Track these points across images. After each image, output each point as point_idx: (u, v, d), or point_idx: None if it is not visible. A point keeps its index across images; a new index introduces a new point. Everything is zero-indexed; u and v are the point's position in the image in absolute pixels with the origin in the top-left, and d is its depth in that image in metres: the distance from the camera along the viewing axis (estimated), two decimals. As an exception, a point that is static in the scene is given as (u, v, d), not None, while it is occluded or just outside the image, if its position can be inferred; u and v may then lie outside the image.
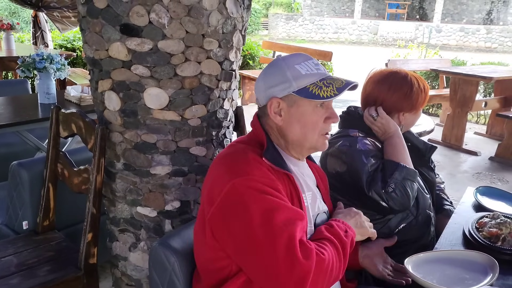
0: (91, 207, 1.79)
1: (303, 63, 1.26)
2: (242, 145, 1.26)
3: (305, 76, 1.23)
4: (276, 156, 1.24)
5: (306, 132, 1.25)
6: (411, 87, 1.73)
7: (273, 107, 1.26)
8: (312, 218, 1.31)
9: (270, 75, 1.28)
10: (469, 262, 1.32)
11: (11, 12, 16.90)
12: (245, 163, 1.17)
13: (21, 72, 3.01)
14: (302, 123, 1.25)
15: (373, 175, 1.60)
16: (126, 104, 1.68)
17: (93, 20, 1.62)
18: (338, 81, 1.24)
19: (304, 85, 1.22)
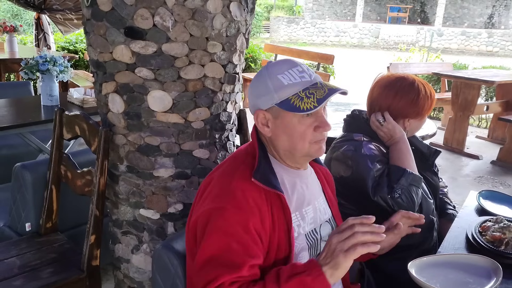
0: (94, 209, 1.79)
1: (286, 72, 1.20)
2: (233, 166, 1.23)
3: (287, 87, 1.18)
4: (268, 173, 1.20)
5: (295, 142, 1.21)
6: (418, 94, 1.73)
7: (260, 119, 1.23)
8: (315, 231, 1.29)
9: (255, 86, 1.25)
10: (473, 266, 1.32)
11: (13, 14, 16.94)
12: (226, 190, 1.16)
13: (24, 74, 3.02)
14: (289, 134, 1.21)
15: (378, 181, 1.60)
16: (129, 107, 1.68)
17: (97, 23, 1.62)
18: (321, 90, 1.17)
19: (286, 97, 1.18)
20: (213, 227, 1.11)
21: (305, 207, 1.29)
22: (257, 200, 1.16)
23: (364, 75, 10.90)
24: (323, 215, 1.35)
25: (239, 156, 1.28)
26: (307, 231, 1.28)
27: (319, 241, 1.31)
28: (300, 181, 1.30)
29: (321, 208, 1.36)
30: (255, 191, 1.16)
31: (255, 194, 1.16)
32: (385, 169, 1.64)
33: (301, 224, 1.26)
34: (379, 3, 24.03)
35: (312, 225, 1.30)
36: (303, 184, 1.31)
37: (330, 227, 1.37)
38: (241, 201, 1.13)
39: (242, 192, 1.14)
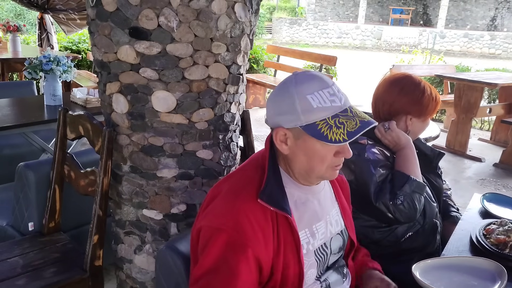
0: (98, 209, 1.79)
1: (316, 93, 1.12)
2: (240, 182, 1.20)
3: (316, 110, 1.10)
4: (275, 193, 1.16)
5: (313, 165, 1.17)
6: (423, 93, 1.73)
7: (279, 136, 1.17)
8: (325, 246, 1.28)
9: (280, 101, 1.17)
10: (477, 269, 1.32)
11: (16, 14, 16.97)
12: (228, 211, 1.13)
13: (28, 73, 3.02)
14: (308, 156, 1.16)
15: (381, 186, 1.59)
16: (133, 107, 1.68)
17: (102, 23, 1.62)
18: (352, 121, 1.11)
19: (313, 121, 1.11)
20: (209, 247, 1.11)
21: (315, 223, 1.26)
22: (261, 222, 1.13)
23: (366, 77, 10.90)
24: (335, 227, 1.32)
25: (249, 170, 1.24)
26: (316, 247, 1.26)
27: (328, 256, 1.29)
28: (312, 197, 1.27)
29: (333, 220, 1.32)
30: (259, 212, 1.13)
31: (259, 215, 1.13)
32: (388, 174, 1.64)
33: (311, 241, 1.24)
34: (381, 5, 24.03)
35: (322, 241, 1.27)
36: (315, 199, 1.27)
37: (342, 239, 1.35)
38: (243, 227, 1.10)
39: (245, 215, 1.11)
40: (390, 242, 1.66)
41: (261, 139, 5.39)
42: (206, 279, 1.11)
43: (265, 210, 1.14)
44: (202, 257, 1.13)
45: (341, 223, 1.36)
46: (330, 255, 1.30)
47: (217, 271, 1.10)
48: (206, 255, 1.12)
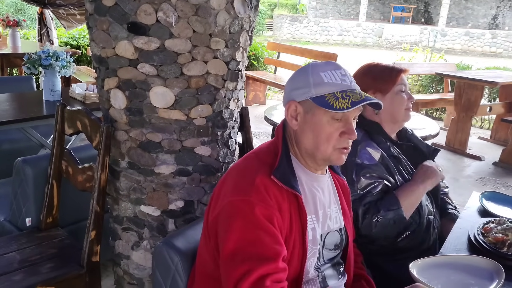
0: (95, 205, 1.79)
1: (329, 71, 1.21)
2: (256, 162, 1.24)
3: (326, 85, 1.19)
4: (287, 173, 1.20)
5: (319, 142, 1.21)
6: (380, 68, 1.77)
7: (291, 110, 1.24)
8: (320, 237, 1.29)
9: (295, 78, 1.26)
10: (475, 268, 1.31)
11: (17, 9, 16.94)
12: (250, 184, 1.16)
13: (27, 68, 3.02)
14: (315, 133, 1.21)
15: (362, 195, 1.61)
16: (132, 103, 1.68)
17: (100, 18, 1.62)
18: (357, 95, 1.18)
19: (322, 93, 1.19)
20: (241, 218, 1.11)
21: (318, 211, 1.28)
22: (279, 198, 1.16)
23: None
24: (334, 223, 1.33)
25: (262, 153, 1.27)
26: (318, 237, 1.27)
27: (321, 249, 1.30)
28: (317, 185, 1.30)
29: (333, 216, 1.34)
30: (276, 189, 1.17)
31: (276, 192, 1.16)
32: (374, 183, 1.63)
33: (316, 227, 1.26)
34: (382, 3, 23.97)
35: (320, 231, 1.29)
36: (320, 188, 1.31)
37: (340, 237, 1.35)
38: (265, 197, 1.14)
39: (265, 188, 1.15)
40: (387, 242, 1.65)
41: (261, 136, 5.39)
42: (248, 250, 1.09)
43: (280, 188, 1.17)
44: (233, 229, 1.11)
45: (340, 221, 1.36)
46: (323, 249, 1.30)
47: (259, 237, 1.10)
48: (237, 226, 1.11)
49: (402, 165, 1.76)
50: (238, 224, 1.11)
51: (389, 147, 1.75)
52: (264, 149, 1.30)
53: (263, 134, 5.44)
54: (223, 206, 1.15)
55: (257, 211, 1.11)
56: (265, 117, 3.35)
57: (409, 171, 1.78)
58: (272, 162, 1.22)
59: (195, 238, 1.36)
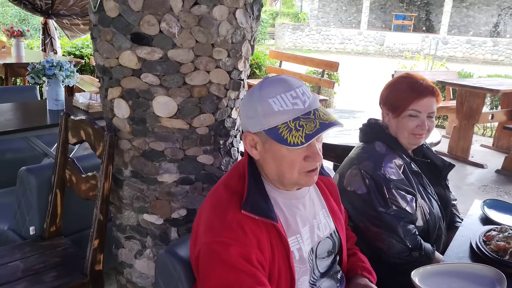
0: (98, 214, 1.80)
1: (278, 96, 1.12)
2: (225, 193, 1.18)
3: (277, 114, 1.11)
4: (259, 201, 1.14)
5: (283, 171, 1.15)
6: (394, 85, 1.76)
7: (248, 141, 1.18)
8: (312, 251, 1.26)
9: (245, 105, 1.19)
10: (477, 276, 1.31)
11: (21, 19, 17.06)
12: (222, 222, 1.11)
13: (31, 78, 3.04)
14: (277, 162, 1.15)
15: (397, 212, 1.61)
16: (135, 112, 1.69)
17: (104, 29, 1.64)
18: (311, 124, 1.09)
19: (274, 124, 1.11)
20: (218, 262, 1.08)
21: (302, 228, 1.24)
22: (255, 230, 1.11)
23: (368, 83, 10.91)
24: (323, 231, 1.31)
25: (231, 181, 1.22)
26: (308, 253, 1.24)
27: (314, 261, 1.28)
28: (296, 202, 1.26)
29: (321, 224, 1.31)
30: (251, 221, 1.11)
31: (252, 224, 1.11)
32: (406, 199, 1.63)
33: (302, 247, 1.23)
34: (384, 11, 24.07)
35: (309, 246, 1.26)
36: (300, 204, 1.26)
37: (331, 242, 1.33)
38: (240, 234, 1.09)
39: (239, 224, 1.10)
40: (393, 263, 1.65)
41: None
42: None
43: (254, 219, 1.12)
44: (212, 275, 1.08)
45: (330, 225, 1.34)
46: (317, 260, 1.28)
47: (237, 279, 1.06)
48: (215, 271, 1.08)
49: (423, 182, 1.75)
50: (216, 268, 1.08)
51: (410, 162, 1.73)
52: (233, 175, 1.24)
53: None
54: (200, 248, 1.12)
55: (232, 252, 1.07)
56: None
57: (429, 187, 1.77)
58: (242, 189, 1.16)
59: (197, 247, 1.37)
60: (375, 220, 1.60)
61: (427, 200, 1.70)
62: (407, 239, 1.59)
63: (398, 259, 1.60)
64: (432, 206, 1.71)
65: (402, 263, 1.60)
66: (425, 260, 1.59)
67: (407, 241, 1.59)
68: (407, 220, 1.61)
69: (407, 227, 1.61)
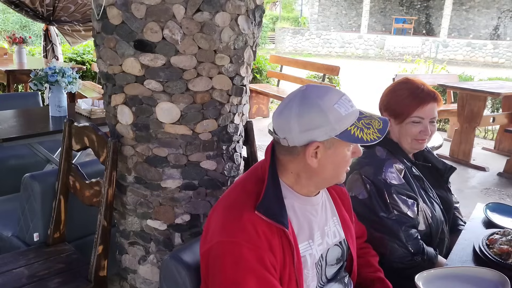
0: (102, 220, 1.80)
1: (339, 102, 1.17)
2: (242, 194, 1.20)
3: (345, 118, 1.16)
4: (274, 205, 1.15)
5: (341, 171, 1.23)
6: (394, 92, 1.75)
7: (310, 151, 1.17)
8: (321, 257, 1.27)
9: (308, 117, 1.16)
10: (480, 279, 1.32)
11: (22, 26, 17.12)
12: (237, 223, 1.12)
13: (34, 85, 3.05)
14: (336, 164, 1.20)
15: (398, 217, 1.61)
16: (138, 118, 1.70)
17: (107, 36, 1.65)
18: (374, 120, 1.20)
19: (345, 128, 1.16)
20: (230, 262, 1.08)
21: (314, 234, 1.26)
22: (267, 234, 1.12)
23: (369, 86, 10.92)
24: (332, 239, 1.32)
25: (249, 184, 1.23)
26: (317, 259, 1.26)
27: (324, 268, 1.29)
28: (311, 208, 1.27)
29: (331, 232, 1.32)
30: (264, 224, 1.12)
31: (265, 227, 1.12)
32: (407, 204, 1.63)
33: (313, 252, 1.24)
34: (384, 15, 24.11)
35: (320, 252, 1.27)
36: (314, 210, 1.28)
37: (340, 250, 1.34)
38: (254, 237, 1.10)
39: (253, 226, 1.11)
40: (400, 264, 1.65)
41: (264, 149, 5.39)
42: None
43: (268, 222, 1.13)
44: (219, 275, 1.09)
45: (340, 234, 1.35)
46: (326, 267, 1.29)
47: (243, 285, 1.07)
48: (222, 271, 1.09)
49: (425, 186, 1.76)
50: (226, 268, 1.08)
51: (411, 166, 1.74)
52: (250, 177, 1.26)
53: (267, 147, 5.45)
54: (212, 246, 1.12)
55: (246, 253, 1.08)
56: (269, 130, 3.37)
57: (431, 191, 1.77)
58: (259, 191, 1.17)
59: (202, 252, 1.38)
60: (376, 225, 1.60)
61: (429, 204, 1.70)
62: (409, 244, 1.59)
63: (400, 263, 1.60)
64: (434, 209, 1.71)
65: (405, 267, 1.60)
66: (428, 264, 1.60)
67: (409, 246, 1.59)
68: (408, 225, 1.61)
69: (409, 232, 1.61)
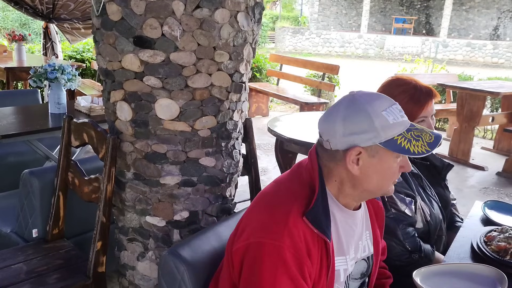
0: (101, 216, 1.81)
1: (389, 109, 1.13)
2: (289, 195, 1.16)
3: (393, 126, 1.11)
4: (320, 215, 1.12)
5: (384, 183, 1.17)
6: None
7: (353, 157, 1.13)
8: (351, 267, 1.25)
9: (354, 120, 1.12)
10: (478, 276, 1.32)
11: (22, 24, 17.12)
12: (283, 225, 1.08)
13: (33, 82, 3.06)
14: (381, 175, 1.15)
15: (396, 215, 1.61)
16: (137, 115, 1.70)
17: (107, 32, 1.65)
18: (426, 134, 1.14)
19: (391, 136, 1.11)
20: (270, 265, 1.06)
21: (350, 249, 1.23)
22: (310, 242, 1.10)
23: (369, 86, 10.92)
24: (361, 253, 1.30)
25: (296, 185, 1.19)
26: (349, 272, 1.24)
27: (348, 279, 1.26)
28: (352, 222, 1.24)
29: (363, 246, 1.30)
30: (308, 231, 1.10)
31: (308, 235, 1.10)
32: (405, 202, 1.63)
33: (348, 267, 1.22)
34: (384, 14, 24.12)
35: (352, 267, 1.25)
36: (354, 225, 1.25)
37: (366, 265, 1.32)
38: (298, 243, 1.08)
39: (298, 232, 1.08)
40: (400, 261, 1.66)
41: (263, 148, 5.41)
42: None
43: (311, 230, 1.10)
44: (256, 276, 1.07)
45: (369, 248, 1.33)
46: (349, 280, 1.27)
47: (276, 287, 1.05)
48: (260, 273, 1.06)
49: (423, 184, 1.76)
50: (266, 270, 1.06)
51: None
52: (296, 177, 1.22)
53: (266, 146, 5.47)
54: (251, 244, 1.09)
55: (288, 258, 1.05)
56: (268, 128, 3.37)
57: (429, 189, 1.78)
58: (306, 196, 1.14)
59: (201, 248, 1.38)
60: None
61: (427, 201, 1.71)
62: (407, 242, 1.60)
63: (398, 261, 1.61)
64: (432, 207, 1.72)
65: (402, 265, 1.61)
66: (425, 261, 1.60)
67: (406, 244, 1.60)
68: (406, 223, 1.62)
69: (406, 230, 1.62)
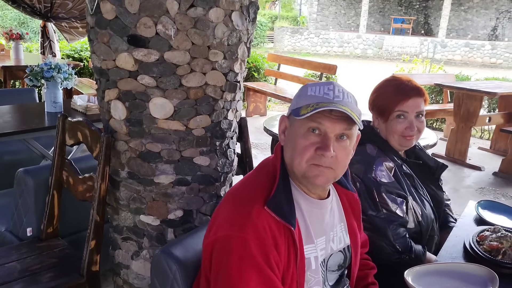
0: (95, 215, 1.81)
1: (318, 86, 1.19)
2: (254, 187, 1.19)
3: (308, 97, 1.17)
4: (283, 203, 1.14)
5: (294, 156, 1.17)
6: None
7: (282, 126, 1.25)
8: (323, 261, 1.26)
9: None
10: (469, 275, 1.32)
11: (20, 22, 17.11)
12: (246, 217, 1.10)
13: (29, 81, 3.05)
14: (293, 145, 1.18)
15: (387, 216, 1.61)
16: (131, 114, 1.70)
17: (101, 31, 1.65)
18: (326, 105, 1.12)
19: (301, 105, 1.17)
20: (235, 257, 1.07)
21: (318, 238, 1.24)
22: (275, 231, 1.11)
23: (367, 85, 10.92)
24: (337, 244, 1.30)
25: (263, 175, 1.22)
26: (321, 263, 1.24)
27: (325, 273, 1.27)
28: (318, 211, 1.25)
29: (336, 237, 1.30)
30: (272, 221, 1.11)
31: (273, 224, 1.11)
32: (396, 203, 1.63)
33: (318, 255, 1.22)
34: (382, 15, 24.13)
35: (322, 257, 1.26)
36: (320, 214, 1.26)
37: (343, 256, 1.33)
38: (262, 233, 1.09)
39: (262, 222, 1.10)
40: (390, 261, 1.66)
41: (261, 147, 5.41)
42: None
43: (276, 220, 1.12)
44: (223, 269, 1.08)
45: (345, 240, 1.34)
46: (327, 272, 1.28)
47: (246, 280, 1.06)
48: (227, 266, 1.07)
49: (415, 183, 1.76)
50: (232, 262, 1.07)
51: (401, 164, 1.74)
52: (260, 172, 1.25)
53: (264, 145, 5.47)
54: (218, 238, 1.11)
55: (253, 249, 1.07)
56: (265, 127, 3.37)
57: (421, 189, 1.78)
58: (271, 185, 1.17)
59: (193, 247, 1.38)
60: (365, 224, 1.60)
61: (419, 202, 1.71)
62: (397, 242, 1.60)
63: (388, 261, 1.61)
64: (424, 207, 1.72)
65: (393, 265, 1.61)
66: (415, 262, 1.60)
67: (396, 244, 1.60)
68: (397, 223, 1.62)
69: (397, 231, 1.62)
